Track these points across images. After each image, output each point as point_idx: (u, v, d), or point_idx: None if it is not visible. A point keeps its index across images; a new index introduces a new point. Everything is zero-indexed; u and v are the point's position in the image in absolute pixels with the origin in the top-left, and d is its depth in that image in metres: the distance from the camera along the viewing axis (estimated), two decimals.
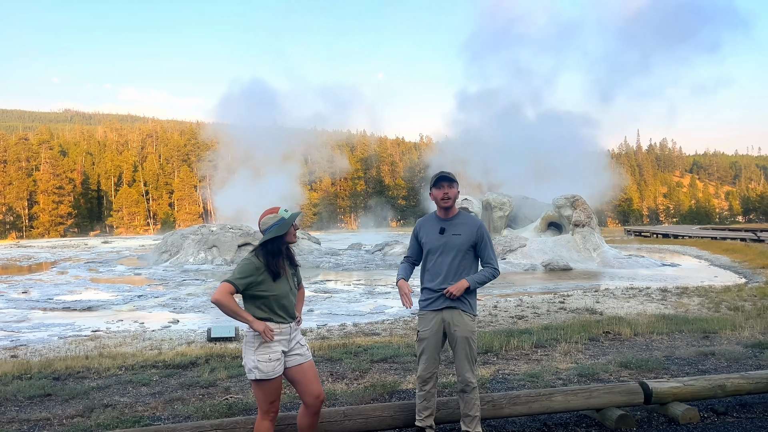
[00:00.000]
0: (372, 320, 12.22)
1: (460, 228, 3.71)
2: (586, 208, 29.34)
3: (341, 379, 5.70)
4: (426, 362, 3.73)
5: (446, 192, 3.70)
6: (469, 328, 3.68)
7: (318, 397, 3.37)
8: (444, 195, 3.70)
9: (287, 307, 3.31)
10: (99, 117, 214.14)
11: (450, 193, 3.70)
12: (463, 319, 3.68)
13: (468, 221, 3.77)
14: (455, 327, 3.67)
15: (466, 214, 3.84)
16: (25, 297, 17.87)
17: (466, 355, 3.68)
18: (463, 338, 3.66)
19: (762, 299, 12.84)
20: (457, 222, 3.74)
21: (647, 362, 5.94)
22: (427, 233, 3.79)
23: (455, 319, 3.68)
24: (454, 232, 3.70)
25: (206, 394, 5.25)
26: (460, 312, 3.68)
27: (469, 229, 3.71)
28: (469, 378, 3.67)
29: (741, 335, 7.58)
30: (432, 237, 3.75)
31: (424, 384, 3.73)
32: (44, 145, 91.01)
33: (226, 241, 30.14)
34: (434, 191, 3.75)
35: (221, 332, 9.80)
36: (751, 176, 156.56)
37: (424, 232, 3.82)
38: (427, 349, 3.73)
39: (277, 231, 3.25)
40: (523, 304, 13.56)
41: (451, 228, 3.72)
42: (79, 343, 10.16)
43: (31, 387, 5.57)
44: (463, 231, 3.70)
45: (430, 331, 3.72)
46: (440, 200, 3.73)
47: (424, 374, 3.74)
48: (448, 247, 3.68)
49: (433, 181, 3.75)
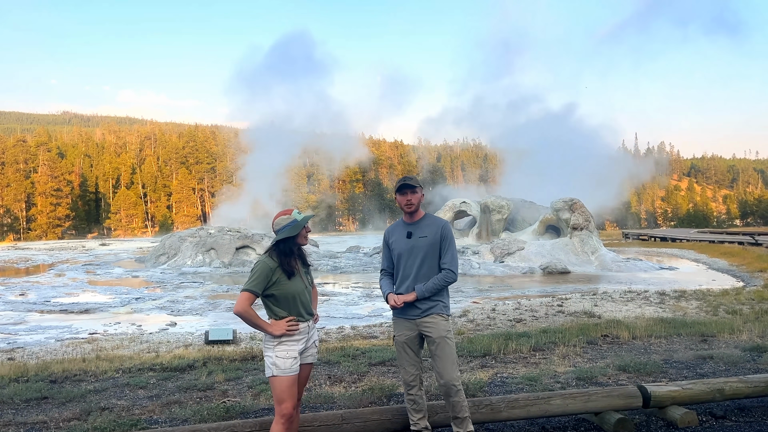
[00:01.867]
0: (370, 323, 12.22)
1: (425, 230, 3.76)
2: (584, 212, 29.37)
3: (339, 382, 5.69)
4: (406, 367, 3.77)
5: (409, 198, 3.75)
6: (442, 328, 3.71)
7: (298, 402, 3.40)
8: (407, 201, 3.75)
9: (305, 304, 3.37)
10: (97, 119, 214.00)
11: (413, 199, 3.74)
12: (435, 321, 3.71)
13: (433, 222, 3.81)
14: (429, 330, 3.70)
15: (431, 216, 3.88)
16: (22, 299, 17.83)
17: (444, 356, 3.68)
18: (438, 338, 3.68)
19: (760, 302, 12.86)
20: (423, 224, 3.78)
21: (645, 366, 5.94)
22: (396, 239, 3.83)
23: (427, 322, 3.71)
24: (421, 235, 3.74)
25: (204, 397, 5.24)
26: (432, 315, 3.71)
27: (434, 230, 3.75)
28: (451, 380, 3.64)
29: (739, 338, 7.58)
30: (400, 242, 3.79)
31: (410, 388, 3.76)
32: (42, 147, 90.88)
33: (224, 244, 30.09)
34: (398, 197, 3.80)
35: (219, 335, 9.79)
36: (748, 180, 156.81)
37: (393, 238, 3.86)
38: (405, 353, 3.78)
39: (289, 232, 3.30)
40: (521, 307, 13.56)
41: (417, 231, 3.76)
42: (76, 345, 10.14)
43: (28, 390, 5.55)
44: (429, 232, 3.74)
45: (405, 336, 3.77)
46: (404, 206, 3.78)
47: (407, 378, 3.77)
48: (416, 250, 3.72)
49: (396, 188, 3.79)
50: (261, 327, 3.24)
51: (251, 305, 3.21)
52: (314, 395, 5.12)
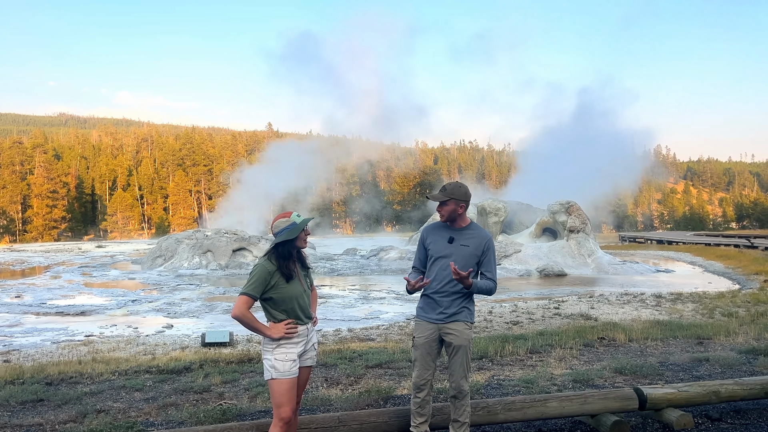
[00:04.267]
0: (367, 325, 12.21)
1: (469, 239, 3.70)
2: (581, 214, 29.43)
3: (336, 385, 5.68)
4: (420, 369, 3.71)
5: (439, 211, 3.76)
6: (465, 336, 3.66)
7: (297, 405, 3.39)
8: (439, 213, 3.76)
9: (303, 307, 3.36)
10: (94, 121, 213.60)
11: (443, 211, 3.73)
12: (460, 328, 3.66)
13: (478, 233, 3.75)
14: (452, 335, 3.65)
15: (476, 226, 3.83)
16: (18, 301, 17.76)
17: (461, 363, 3.66)
18: (459, 347, 3.65)
19: (756, 305, 12.90)
20: (467, 233, 3.73)
21: (642, 368, 5.95)
22: (435, 241, 3.77)
23: (452, 328, 3.66)
24: (463, 243, 3.68)
25: (200, 400, 5.23)
26: (457, 321, 3.67)
27: (478, 242, 3.70)
28: (463, 385, 3.66)
29: (735, 341, 7.60)
30: (440, 245, 3.73)
31: (419, 391, 3.71)
32: (38, 148, 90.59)
33: (221, 246, 30.05)
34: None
35: (215, 337, 9.78)
36: (744, 183, 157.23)
37: (431, 239, 3.80)
38: (422, 356, 3.72)
39: (287, 235, 3.29)
40: (518, 310, 13.57)
41: (460, 238, 3.70)
42: (72, 348, 10.11)
43: (24, 392, 5.53)
44: (472, 243, 3.69)
45: (426, 339, 3.70)
46: (440, 217, 3.79)
47: (418, 381, 3.71)
48: (455, 257, 3.65)
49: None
50: (259, 330, 3.22)
51: (249, 309, 3.20)
52: (311, 398, 5.12)
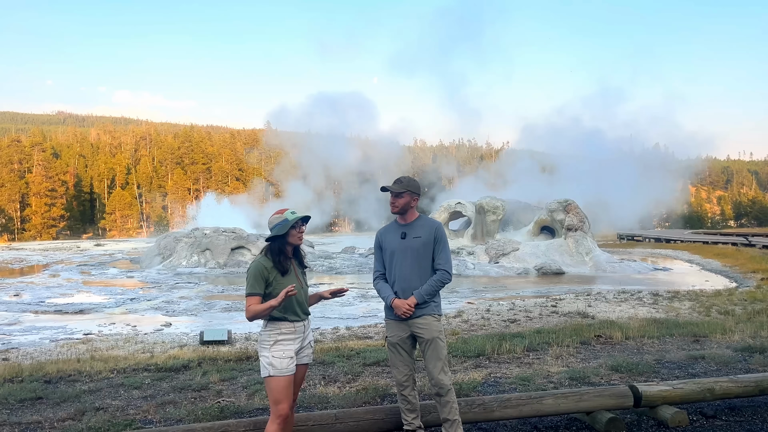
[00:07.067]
0: (365, 324, 12.23)
1: (419, 230, 3.81)
2: (579, 213, 29.45)
3: (333, 383, 5.71)
4: (399, 367, 3.81)
5: (391, 201, 3.83)
6: (434, 328, 3.75)
7: (294, 402, 3.42)
8: (390, 203, 3.84)
9: (300, 303, 3.40)
10: (92, 119, 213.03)
11: (396, 203, 3.81)
12: (427, 322, 3.75)
13: (427, 223, 3.86)
14: (422, 330, 3.75)
15: (425, 217, 3.94)
16: (16, 300, 17.77)
17: (436, 356, 3.73)
18: (430, 340, 3.73)
19: (752, 303, 12.94)
20: (417, 225, 3.84)
21: (638, 366, 5.99)
22: (390, 239, 3.87)
23: (420, 323, 3.75)
24: (415, 235, 3.79)
25: (198, 398, 5.25)
26: (424, 316, 3.75)
27: (428, 231, 3.80)
28: (442, 380, 3.69)
29: (731, 339, 7.64)
30: (394, 242, 3.83)
31: (403, 389, 3.80)
32: (37, 147, 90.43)
33: (220, 245, 30.05)
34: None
35: (214, 335, 9.80)
36: (743, 181, 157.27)
37: (386, 238, 3.90)
38: (398, 354, 3.81)
39: (277, 231, 3.35)
40: (515, 308, 13.60)
41: (411, 231, 3.81)
42: (70, 346, 10.12)
43: (23, 390, 5.55)
44: (423, 233, 3.79)
45: (397, 337, 3.81)
46: (392, 208, 3.86)
47: (400, 379, 3.81)
48: (410, 251, 3.77)
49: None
50: (269, 308, 3.22)
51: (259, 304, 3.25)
52: (309, 395, 5.15)
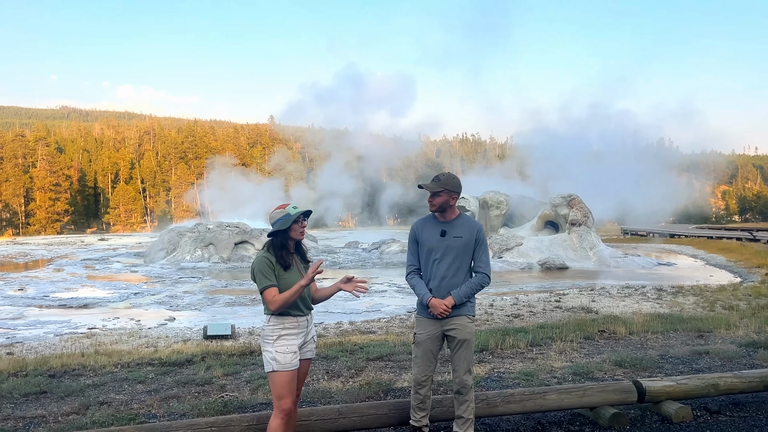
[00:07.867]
0: (368, 318, 12.25)
1: (460, 230, 3.68)
2: (583, 207, 29.39)
3: (337, 377, 5.71)
4: (422, 366, 3.70)
5: (429, 200, 3.72)
6: (468, 330, 3.67)
7: (298, 397, 3.41)
8: (429, 203, 3.73)
9: (303, 298, 3.37)
10: (96, 114, 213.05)
11: (435, 202, 3.69)
12: (462, 323, 3.67)
13: (468, 223, 3.75)
14: (455, 330, 3.65)
15: (466, 216, 3.82)
16: (21, 294, 17.85)
17: (465, 357, 3.67)
18: (463, 341, 3.65)
19: (757, 298, 12.90)
20: (458, 224, 3.71)
21: (642, 361, 5.97)
22: (428, 235, 3.73)
23: (455, 322, 3.66)
24: (456, 235, 3.67)
25: (202, 392, 5.26)
26: (460, 316, 3.67)
27: (469, 231, 3.69)
28: (466, 380, 3.66)
29: (735, 334, 7.61)
30: (433, 239, 3.70)
31: (420, 387, 3.70)
32: (41, 141, 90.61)
33: (223, 239, 30.11)
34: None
35: (217, 330, 9.82)
36: (747, 176, 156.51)
37: (424, 234, 3.76)
38: (423, 353, 3.70)
39: (279, 225, 3.33)
40: (519, 303, 13.60)
41: (452, 230, 3.68)
42: (75, 340, 10.16)
43: (27, 384, 5.57)
44: (464, 233, 3.67)
45: (428, 335, 3.69)
46: (429, 207, 3.76)
47: (419, 377, 3.70)
48: (449, 250, 3.65)
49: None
50: (299, 288, 3.21)
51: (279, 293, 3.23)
52: (312, 390, 5.15)
